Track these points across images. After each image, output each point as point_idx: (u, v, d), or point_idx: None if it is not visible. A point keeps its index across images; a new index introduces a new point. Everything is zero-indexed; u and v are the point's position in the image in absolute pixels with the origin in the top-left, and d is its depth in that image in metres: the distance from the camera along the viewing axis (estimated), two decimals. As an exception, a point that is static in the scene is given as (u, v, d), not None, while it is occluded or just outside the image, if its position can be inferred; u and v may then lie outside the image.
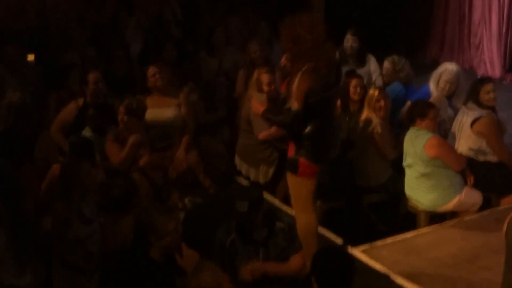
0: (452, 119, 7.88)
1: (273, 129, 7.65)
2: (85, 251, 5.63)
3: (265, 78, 7.77)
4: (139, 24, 10.95)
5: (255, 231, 5.41)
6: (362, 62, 9.28)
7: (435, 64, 9.07)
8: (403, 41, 12.69)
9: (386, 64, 8.74)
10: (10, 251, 5.29)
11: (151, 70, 8.02)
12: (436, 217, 7.18)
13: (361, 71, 8.99)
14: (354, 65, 9.20)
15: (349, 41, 9.27)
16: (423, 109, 7.02)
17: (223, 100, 9.33)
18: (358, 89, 8.06)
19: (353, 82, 8.10)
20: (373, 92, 7.58)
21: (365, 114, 7.57)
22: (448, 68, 8.19)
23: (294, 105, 6.01)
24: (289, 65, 6.22)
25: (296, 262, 5.52)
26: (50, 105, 8.53)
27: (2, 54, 8.87)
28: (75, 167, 5.78)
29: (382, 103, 7.47)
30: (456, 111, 7.94)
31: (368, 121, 7.50)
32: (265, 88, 7.77)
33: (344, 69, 8.63)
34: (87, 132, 7.35)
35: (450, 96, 8.11)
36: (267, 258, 5.43)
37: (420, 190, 7.06)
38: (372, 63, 9.34)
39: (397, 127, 7.99)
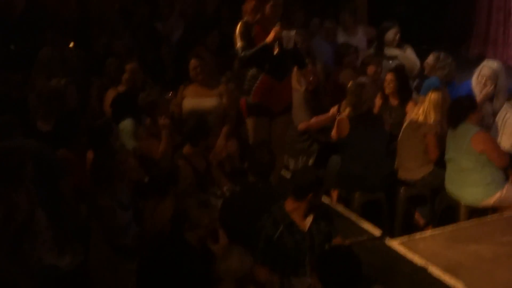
0: (490, 115, 7.89)
1: (313, 120, 7.70)
2: (124, 236, 5.73)
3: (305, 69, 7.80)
4: (181, 11, 11.03)
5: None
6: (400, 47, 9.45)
7: (479, 60, 9.06)
8: (446, 36, 12.64)
9: (431, 57, 8.76)
10: (51, 231, 5.43)
11: (193, 63, 8.05)
12: (476, 212, 7.17)
13: (399, 55, 9.11)
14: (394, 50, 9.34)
15: (394, 35, 9.33)
16: (472, 103, 7.06)
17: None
18: (391, 84, 8.09)
19: (388, 76, 8.14)
20: (437, 95, 7.54)
21: (421, 112, 7.54)
22: (488, 64, 8.26)
23: None
24: None
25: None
26: (92, 92, 8.69)
27: (48, 40, 9.02)
28: (109, 156, 5.89)
29: (448, 104, 7.47)
30: (495, 108, 7.98)
31: (422, 120, 7.49)
32: (305, 79, 7.80)
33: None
34: (127, 121, 7.43)
35: (490, 93, 8.13)
36: (313, 246, 5.52)
37: (461, 185, 7.07)
38: (408, 50, 9.52)
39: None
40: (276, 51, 6.99)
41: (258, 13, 7.14)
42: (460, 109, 7.09)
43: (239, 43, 7.09)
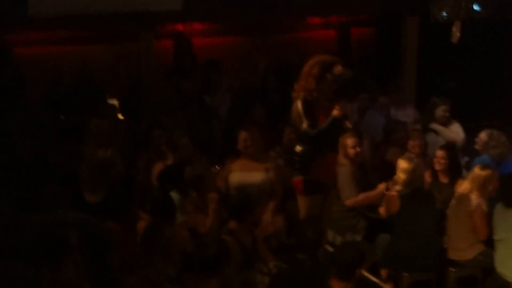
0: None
1: (361, 196, 7.66)
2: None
3: (350, 141, 7.86)
4: (229, 86, 11.17)
5: None
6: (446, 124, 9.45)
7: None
8: (498, 114, 12.55)
9: (483, 135, 8.69)
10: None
11: (243, 135, 8.10)
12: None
13: (442, 130, 9.12)
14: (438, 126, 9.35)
15: (443, 112, 9.34)
16: None
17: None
18: (442, 160, 8.04)
19: (439, 153, 8.11)
20: (484, 173, 7.49)
21: (467, 188, 7.48)
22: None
23: None
24: None
25: None
26: (139, 165, 8.77)
27: (100, 109, 9.16)
28: (159, 229, 5.90)
29: (494, 184, 7.39)
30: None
31: (468, 197, 7.41)
32: (350, 151, 7.82)
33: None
34: (173, 194, 7.47)
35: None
36: None
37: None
38: (455, 125, 9.48)
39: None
40: (348, 124, 7.10)
41: (317, 89, 7.26)
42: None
43: (304, 122, 7.23)
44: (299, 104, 7.34)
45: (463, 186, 7.55)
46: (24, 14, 9.25)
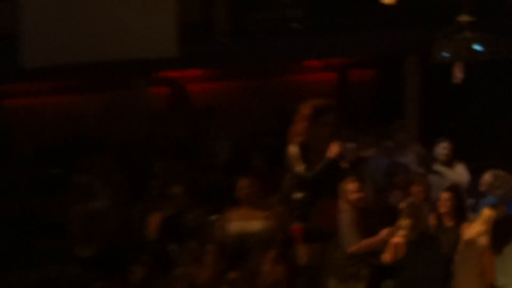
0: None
1: (363, 242, 7.60)
2: None
3: (351, 186, 7.79)
4: (229, 135, 11.17)
5: None
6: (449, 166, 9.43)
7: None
8: (502, 154, 12.51)
9: (487, 176, 8.66)
10: None
11: (243, 182, 8.13)
12: None
13: (445, 171, 9.09)
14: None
15: (443, 149, 9.31)
16: None
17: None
18: (447, 203, 7.99)
19: (443, 195, 8.06)
20: (493, 213, 7.39)
21: (477, 232, 7.40)
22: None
23: None
24: None
25: None
26: (134, 216, 8.71)
27: (91, 162, 9.14)
28: (156, 282, 5.86)
29: None
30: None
31: (476, 240, 7.34)
32: (352, 197, 7.77)
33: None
34: (171, 244, 7.43)
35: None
36: None
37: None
38: (458, 166, 9.45)
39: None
40: (344, 165, 7.07)
41: (310, 133, 7.25)
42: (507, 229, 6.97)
43: (299, 166, 7.24)
44: (294, 148, 7.33)
45: (472, 229, 7.46)
46: (14, 65, 9.28)
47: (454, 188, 8.40)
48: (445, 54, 8.33)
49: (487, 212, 7.39)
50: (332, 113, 7.42)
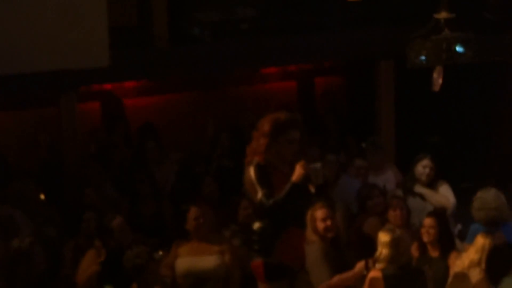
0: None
1: (335, 279, 7.61)
2: None
3: (319, 213, 7.85)
4: (173, 157, 11.12)
5: None
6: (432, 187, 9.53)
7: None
8: (492, 172, 12.63)
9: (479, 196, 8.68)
10: None
11: (194, 212, 8.10)
12: None
13: (427, 193, 9.27)
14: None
15: (423, 168, 9.42)
16: None
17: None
18: (431, 230, 8.05)
19: (427, 222, 8.11)
20: (487, 240, 7.50)
21: (470, 262, 7.46)
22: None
23: None
24: None
25: None
26: (66, 255, 8.62)
27: (10, 191, 9.04)
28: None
29: None
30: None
31: (468, 273, 7.39)
32: (320, 225, 7.79)
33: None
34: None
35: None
36: None
37: None
38: (442, 187, 9.54)
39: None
40: (311, 189, 7.10)
41: (271, 152, 7.24)
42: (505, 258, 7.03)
43: (260, 192, 7.17)
44: (251, 171, 7.30)
45: (463, 260, 7.52)
46: None
47: (438, 213, 8.45)
48: (422, 58, 8.38)
49: (481, 240, 7.44)
50: (295, 129, 7.39)
